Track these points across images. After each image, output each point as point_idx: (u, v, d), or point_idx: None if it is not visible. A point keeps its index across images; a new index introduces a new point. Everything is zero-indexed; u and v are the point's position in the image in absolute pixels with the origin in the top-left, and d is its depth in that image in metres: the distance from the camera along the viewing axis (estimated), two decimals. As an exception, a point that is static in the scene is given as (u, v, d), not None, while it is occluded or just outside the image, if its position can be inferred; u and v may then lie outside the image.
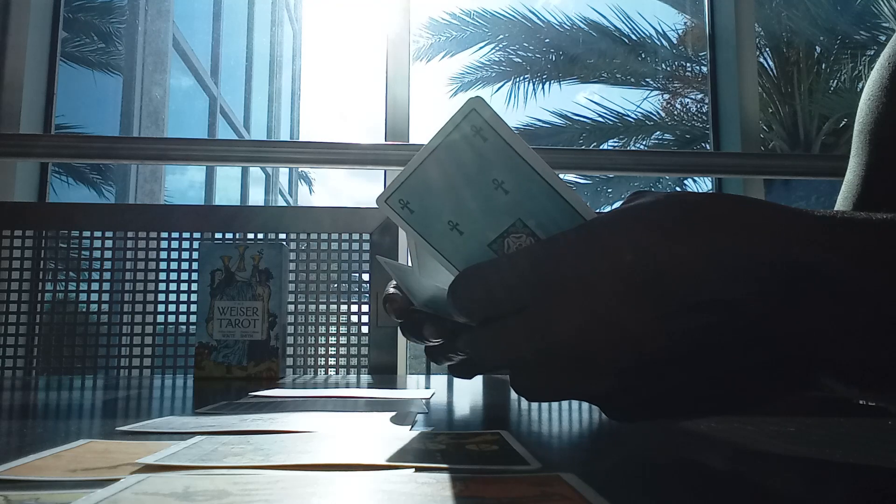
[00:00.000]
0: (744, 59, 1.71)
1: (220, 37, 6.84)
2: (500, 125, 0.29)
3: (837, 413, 0.41)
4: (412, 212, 0.31)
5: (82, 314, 0.97)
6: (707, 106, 1.85)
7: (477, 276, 0.29)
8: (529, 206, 0.30)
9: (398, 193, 0.30)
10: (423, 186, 0.30)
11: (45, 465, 0.24)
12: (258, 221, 0.99)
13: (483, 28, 8.04)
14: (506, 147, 0.29)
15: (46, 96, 1.58)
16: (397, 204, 0.31)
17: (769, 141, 6.70)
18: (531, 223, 0.30)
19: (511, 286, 0.28)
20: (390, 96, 1.59)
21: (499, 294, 0.28)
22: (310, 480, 0.21)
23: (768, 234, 0.26)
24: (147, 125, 5.26)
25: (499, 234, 0.30)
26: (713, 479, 0.26)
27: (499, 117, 0.29)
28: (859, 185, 0.52)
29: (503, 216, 0.30)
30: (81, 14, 5.70)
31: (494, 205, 0.30)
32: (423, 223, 0.31)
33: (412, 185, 0.30)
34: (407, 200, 0.30)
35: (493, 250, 0.30)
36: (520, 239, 0.30)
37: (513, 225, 0.30)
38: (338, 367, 0.96)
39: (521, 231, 0.30)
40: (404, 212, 0.31)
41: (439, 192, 0.30)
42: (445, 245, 0.31)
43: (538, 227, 0.30)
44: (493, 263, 0.29)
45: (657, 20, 7.97)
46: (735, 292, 0.26)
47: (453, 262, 0.31)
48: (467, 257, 0.31)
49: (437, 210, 0.30)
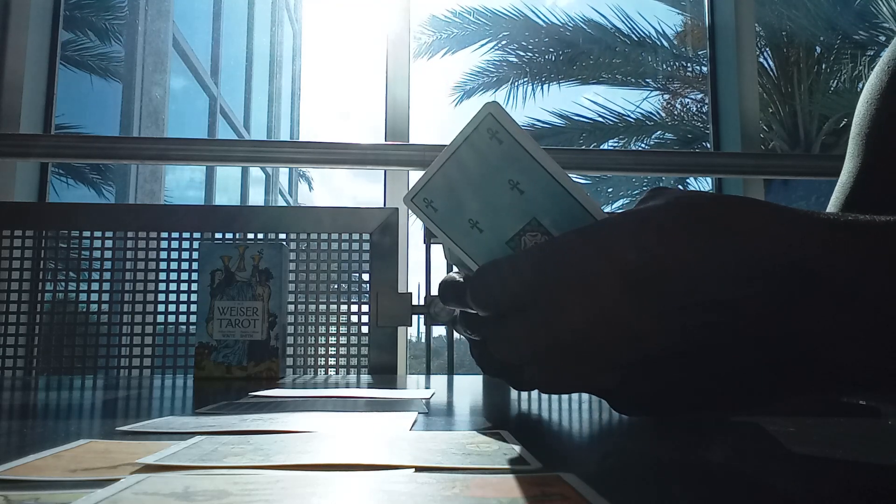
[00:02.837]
0: (744, 59, 1.72)
1: (220, 37, 6.84)
2: (514, 128, 0.30)
3: (837, 413, 0.41)
4: (436, 210, 0.32)
5: (82, 314, 0.97)
6: (707, 106, 1.85)
7: (492, 272, 0.30)
8: (543, 206, 0.31)
9: (423, 193, 0.32)
10: (445, 187, 0.32)
11: (45, 465, 0.24)
12: (258, 221, 0.99)
13: (484, 26, 8.05)
14: (520, 149, 0.30)
15: (46, 96, 1.58)
16: (422, 203, 0.32)
17: (769, 141, 6.70)
18: (546, 221, 0.31)
19: (522, 282, 0.29)
20: (390, 96, 1.59)
21: (511, 289, 0.29)
22: (310, 480, 0.21)
23: (770, 236, 0.26)
24: (147, 125, 5.26)
25: (516, 232, 0.32)
26: (713, 479, 0.26)
27: (513, 121, 0.30)
28: (852, 187, 0.52)
29: (519, 215, 0.31)
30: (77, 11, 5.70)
31: (511, 204, 0.31)
32: (447, 221, 0.32)
33: (435, 185, 0.32)
34: (431, 200, 0.32)
35: (510, 248, 0.32)
36: (535, 237, 0.32)
37: (528, 223, 0.31)
38: (338, 367, 0.96)
39: (537, 229, 0.31)
40: (429, 210, 0.32)
41: (460, 192, 0.32)
42: (467, 242, 0.33)
43: (552, 225, 0.31)
44: (508, 260, 0.30)
45: (657, 20, 7.97)
46: (736, 293, 0.26)
47: (474, 259, 0.33)
48: (487, 254, 0.32)
49: (459, 209, 0.32)
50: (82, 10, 5.83)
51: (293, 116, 9.64)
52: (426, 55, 8.12)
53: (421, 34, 7.99)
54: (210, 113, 6.32)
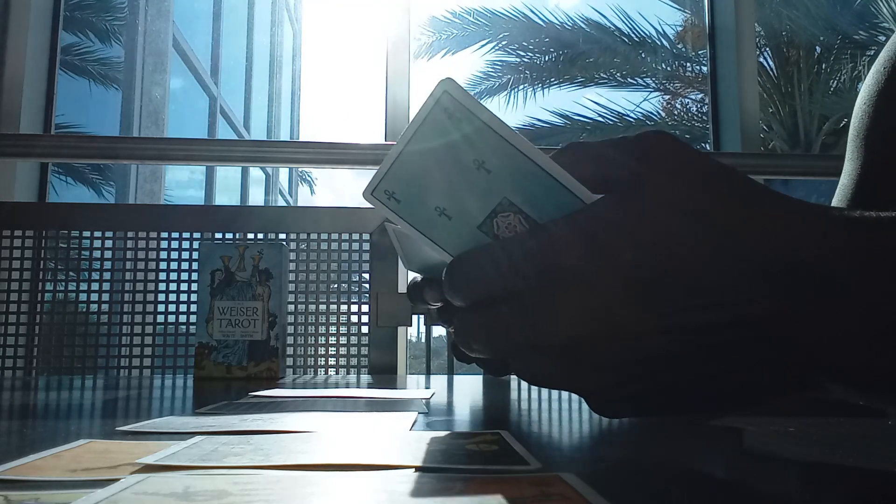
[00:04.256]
0: (744, 59, 1.71)
1: (220, 37, 6.84)
2: (473, 104, 0.28)
3: (837, 413, 0.41)
4: (399, 201, 0.30)
5: (82, 314, 0.97)
6: (707, 106, 1.85)
7: (473, 260, 0.29)
8: (513, 184, 0.29)
9: (382, 184, 0.30)
10: (406, 175, 0.30)
11: (45, 465, 0.24)
12: (258, 221, 0.99)
13: (484, 27, 8.06)
14: (482, 126, 0.28)
15: (46, 96, 1.58)
16: (383, 195, 0.30)
17: (769, 141, 6.69)
18: (517, 200, 0.29)
19: (506, 272, 0.28)
20: (390, 96, 1.59)
21: (494, 278, 0.28)
22: (310, 480, 0.21)
23: (774, 236, 0.26)
24: (147, 125, 5.27)
25: (487, 214, 0.30)
26: (713, 480, 0.26)
27: (471, 96, 0.28)
28: (854, 189, 0.52)
29: (489, 196, 0.29)
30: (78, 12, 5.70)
31: (478, 186, 0.29)
32: (411, 211, 0.30)
33: (395, 174, 0.30)
34: (392, 191, 0.30)
35: (483, 232, 0.30)
36: (508, 218, 0.29)
37: (499, 204, 0.29)
38: (338, 367, 0.96)
39: (509, 209, 0.29)
40: (391, 202, 0.30)
41: (422, 180, 0.30)
42: (436, 231, 0.31)
43: (525, 203, 0.29)
44: (491, 247, 0.29)
45: (657, 20, 7.97)
46: (741, 296, 0.26)
47: (445, 248, 0.31)
48: (458, 241, 0.30)
49: (423, 197, 0.30)
50: (82, 10, 5.84)
51: (293, 116, 9.64)
52: (426, 55, 8.14)
53: (421, 35, 8.01)
54: (210, 113, 6.32)
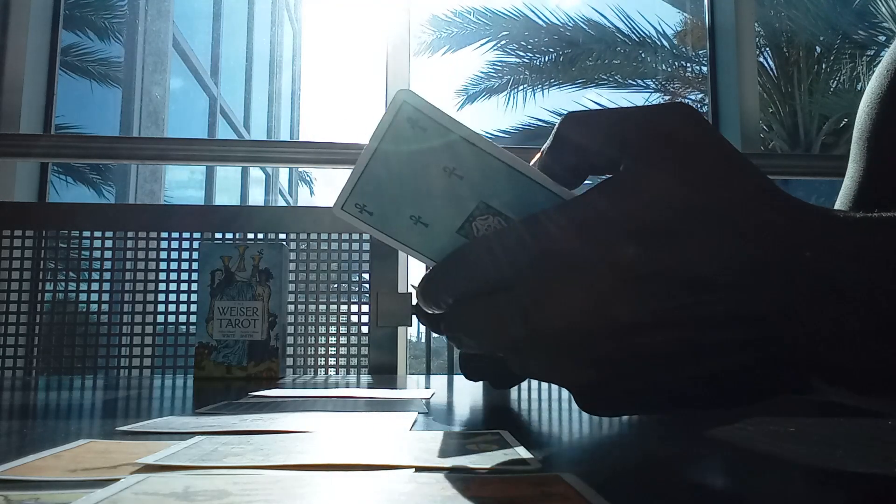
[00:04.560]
0: (744, 59, 1.71)
1: (220, 37, 6.84)
2: (436, 113, 0.28)
3: (837, 413, 0.41)
4: (371, 214, 0.30)
5: (82, 314, 0.97)
6: (707, 106, 1.85)
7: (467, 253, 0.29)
8: (489, 187, 0.29)
9: (352, 198, 0.30)
10: (376, 187, 0.29)
11: (45, 465, 0.24)
12: (258, 221, 0.99)
13: (485, 26, 8.07)
14: (447, 133, 0.28)
15: (46, 96, 1.58)
16: (354, 209, 0.30)
17: (769, 141, 6.69)
18: (495, 203, 0.29)
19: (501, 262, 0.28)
20: (390, 96, 1.59)
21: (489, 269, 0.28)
22: (310, 480, 0.21)
23: (774, 236, 0.26)
24: (147, 125, 5.26)
25: (465, 219, 0.29)
26: (713, 480, 0.26)
27: (432, 105, 0.28)
28: (857, 191, 0.52)
29: (464, 201, 0.29)
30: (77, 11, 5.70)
31: (452, 192, 0.29)
32: (386, 223, 0.30)
33: (364, 187, 0.29)
34: (364, 204, 0.30)
35: (462, 236, 0.30)
36: (487, 220, 0.29)
37: (476, 208, 0.29)
38: (338, 367, 0.96)
39: (487, 213, 0.29)
40: (363, 215, 0.30)
41: (393, 190, 0.29)
42: (413, 239, 0.30)
43: (504, 206, 0.29)
44: (485, 239, 0.29)
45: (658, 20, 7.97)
46: (737, 292, 0.26)
47: (425, 254, 0.31)
48: (438, 247, 0.30)
49: (396, 207, 0.30)
50: (82, 9, 5.84)
51: (293, 116, 9.64)
52: (426, 53, 8.15)
53: (421, 33, 8.02)
54: (210, 113, 6.31)
